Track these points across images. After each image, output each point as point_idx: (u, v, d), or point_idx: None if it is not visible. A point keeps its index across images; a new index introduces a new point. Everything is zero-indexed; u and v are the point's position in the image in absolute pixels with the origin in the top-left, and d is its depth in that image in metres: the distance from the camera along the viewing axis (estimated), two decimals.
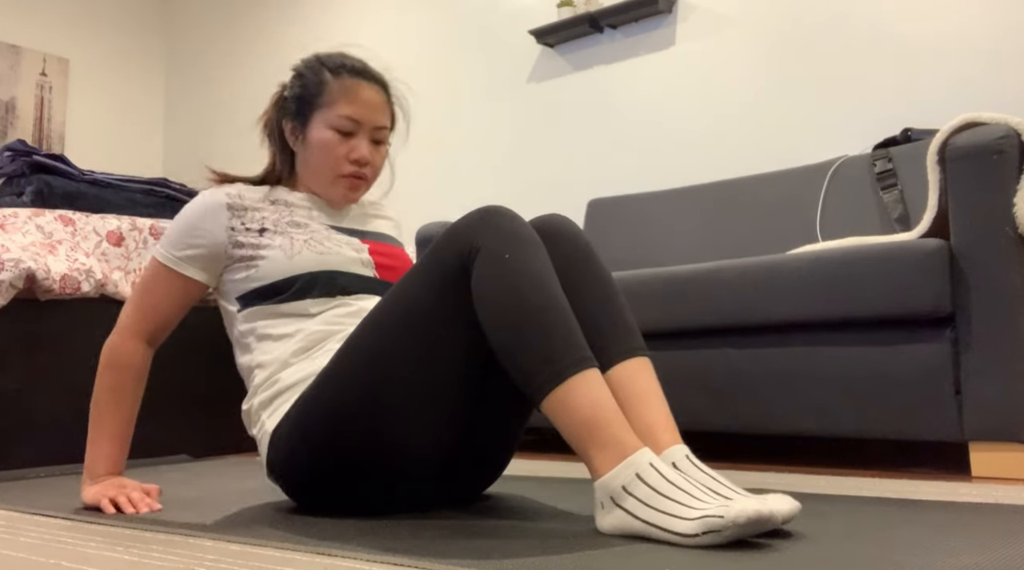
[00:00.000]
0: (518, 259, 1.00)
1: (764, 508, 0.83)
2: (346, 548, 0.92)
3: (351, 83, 1.35)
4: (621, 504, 0.90)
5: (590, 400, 0.94)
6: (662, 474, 0.90)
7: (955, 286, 1.55)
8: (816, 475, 1.56)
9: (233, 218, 1.28)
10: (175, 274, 1.29)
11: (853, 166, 2.27)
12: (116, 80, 4.57)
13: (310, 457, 1.13)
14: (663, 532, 0.87)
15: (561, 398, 0.94)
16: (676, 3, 2.86)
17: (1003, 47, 2.27)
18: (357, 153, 1.33)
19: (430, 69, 3.57)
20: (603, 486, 0.92)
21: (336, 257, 1.28)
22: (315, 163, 1.34)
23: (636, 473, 0.90)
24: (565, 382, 0.94)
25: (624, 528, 0.91)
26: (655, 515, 0.87)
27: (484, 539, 0.96)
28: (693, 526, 0.84)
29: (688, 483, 0.91)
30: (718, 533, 0.83)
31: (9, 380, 1.83)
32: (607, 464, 0.92)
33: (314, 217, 1.34)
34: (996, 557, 0.81)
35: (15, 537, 1.07)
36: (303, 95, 1.35)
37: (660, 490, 0.89)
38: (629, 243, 2.61)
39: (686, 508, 0.87)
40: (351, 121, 1.33)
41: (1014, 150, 1.53)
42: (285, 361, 1.22)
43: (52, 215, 1.95)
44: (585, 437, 0.94)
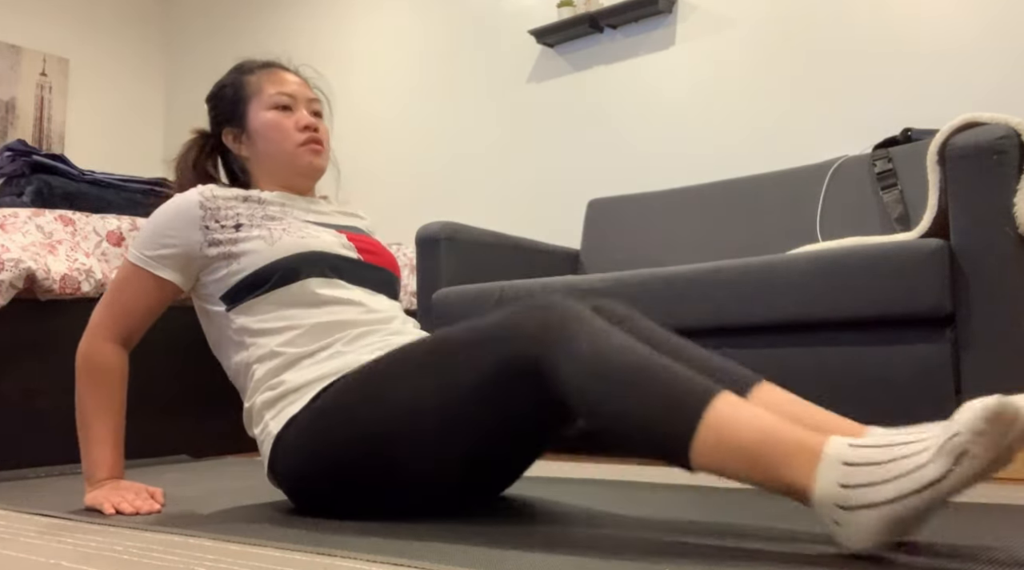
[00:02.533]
0: (597, 343, 0.92)
1: (993, 401, 0.69)
2: (346, 548, 0.92)
3: (267, 71, 1.40)
4: (853, 504, 0.74)
5: (744, 421, 0.81)
6: (870, 445, 0.75)
7: (955, 286, 1.55)
8: None
9: (207, 217, 1.27)
10: (147, 275, 1.27)
11: (853, 166, 2.27)
12: (116, 80, 4.57)
13: (315, 465, 1.12)
14: (917, 495, 0.71)
15: (710, 437, 0.81)
16: (676, 3, 2.86)
17: (1003, 47, 2.27)
18: (304, 120, 1.35)
19: (430, 69, 3.57)
20: (821, 502, 0.76)
21: (317, 241, 1.27)
22: (269, 147, 1.35)
23: (843, 462, 0.75)
24: (705, 417, 0.82)
25: (879, 525, 0.74)
26: (896, 486, 0.72)
27: (484, 539, 0.96)
28: (938, 464, 0.70)
29: (894, 437, 0.76)
30: (967, 453, 0.69)
31: (9, 380, 1.83)
32: (806, 475, 0.77)
33: (288, 211, 1.32)
34: (996, 557, 0.81)
35: (15, 537, 1.07)
36: (229, 101, 1.39)
37: (880, 459, 0.74)
38: (629, 243, 2.61)
39: (916, 456, 0.73)
40: (285, 95, 1.36)
41: (1014, 150, 1.53)
42: (290, 359, 1.20)
43: (52, 215, 1.95)
44: (761, 464, 0.79)
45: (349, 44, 3.90)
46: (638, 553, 0.86)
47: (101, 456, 1.27)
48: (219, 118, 1.41)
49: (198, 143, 1.45)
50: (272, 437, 1.17)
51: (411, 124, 3.63)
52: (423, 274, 2.25)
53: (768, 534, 0.95)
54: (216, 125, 1.42)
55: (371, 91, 3.78)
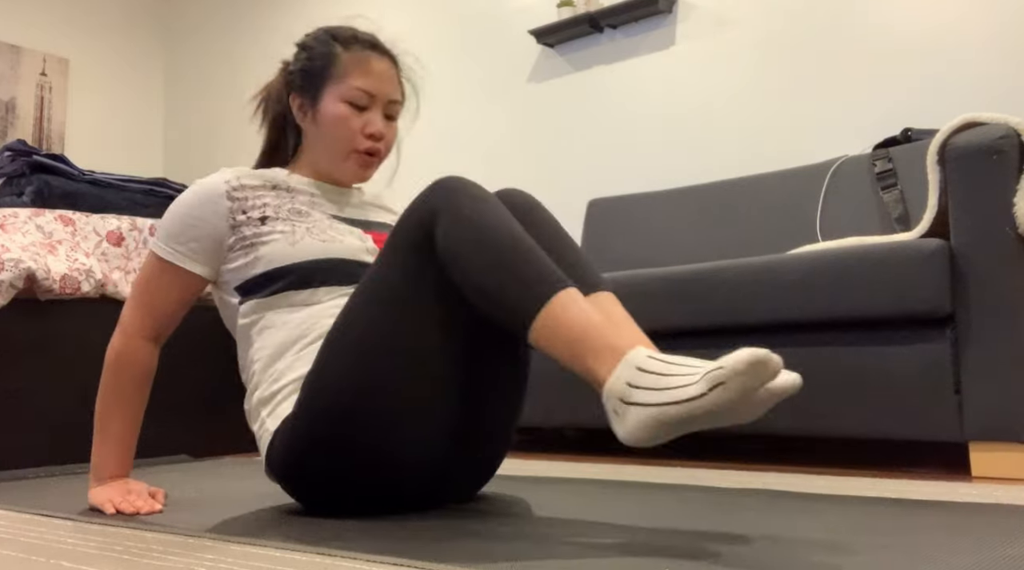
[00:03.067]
0: (477, 210, 1.01)
1: (761, 351, 0.79)
2: (346, 548, 0.92)
3: (364, 55, 1.32)
4: (631, 400, 0.85)
5: (577, 314, 0.93)
6: (662, 360, 0.87)
7: (955, 286, 1.55)
8: (816, 475, 1.56)
9: (234, 208, 1.24)
10: (176, 269, 1.25)
11: (853, 166, 2.27)
12: (116, 80, 4.57)
13: (306, 455, 1.12)
14: (677, 406, 0.81)
15: (549, 320, 0.93)
16: (676, 3, 2.86)
17: (1003, 47, 2.27)
18: (372, 127, 1.30)
19: (430, 69, 3.57)
20: (609, 391, 0.88)
21: (340, 245, 1.25)
22: (328, 139, 1.30)
23: (637, 367, 0.87)
24: (550, 302, 0.94)
25: (643, 423, 0.84)
26: (665, 394, 0.83)
27: (484, 540, 0.96)
28: (699, 386, 0.80)
29: (690, 359, 0.87)
30: (724, 384, 0.79)
31: (9, 380, 1.83)
32: (606, 369, 0.89)
33: (316, 205, 1.31)
34: (996, 557, 0.81)
35: (15, 537, 1.07)
36: (312, 68, 1.32)
37: (663, 371, 0.85)
38: (629, 243, 2.61)
39: (688, 376, 0.83)
40: (366, 94, 1.30)
41: (1014, 150, 1.53)
42: (285, 357, 1.20)
43: (52, 215, 1.95)
44: (580, 351, 0.91)
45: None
46: (637, 553, 0.86)
47: (114, 453, 1.27)
48: (295, 81, 1.34)
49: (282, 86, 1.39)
50: (269, 433, 1.18)
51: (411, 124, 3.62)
52: None
53: (768, 534, 0.95)
54: (289, 84, 1.36)
55: None
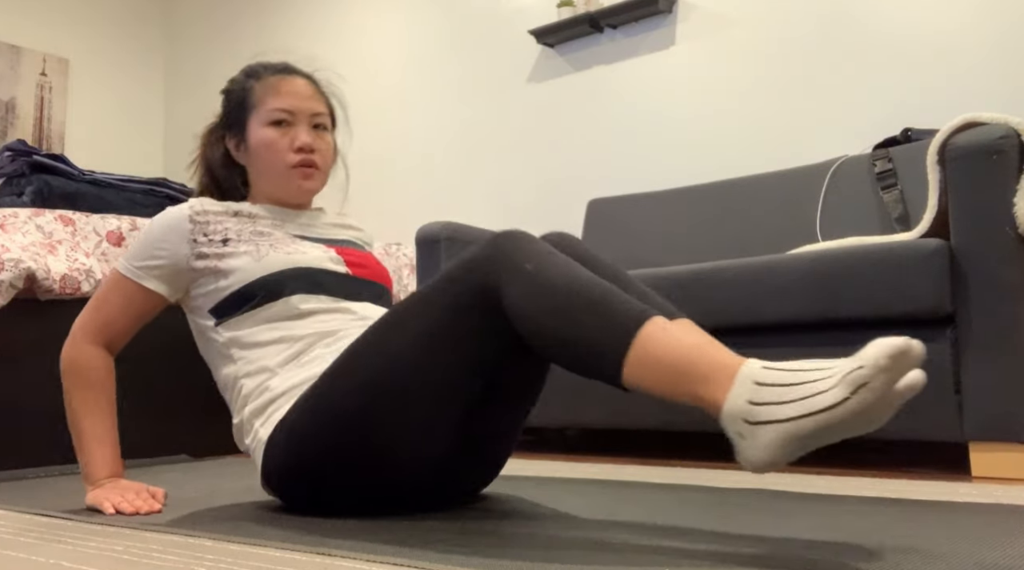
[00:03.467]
0: (540, 265, 0.98)
1: (900, 340, 0.73)
2: (346, 548, 0.92)
3: (274, 79, 1.37)
4: (758, 419, 0.79)
5: (670, 341, 0.87)
6: (781, 369, 0.81)
7: (955, 286, 1.55)
8: (816, 475, 1.56)
9: (195, 230, 1.28)
10: (133, 285, 1.29)
11: (853, 166, 2.27)
12: (116, 80, 4.57)
13: (309, 459, 1.12)
14: (814, 416, 0.75)
15: (642, 355, 0.87)
16: (676, 3, 2.86)
17: (1003, 47, 2.27)
18: (299, 140, 1.33)
19: (430, 69, 3.57)
20: (729, 415, 0.81)
21: (304, 256, 1.28)
22: (263, 164, 1.35)
23: (755, 381, 0.81)
24: (638, 336, 0.88)
25: (776, 441, 0.78)
26: (797, 407, 0.77)
27: (484, 540, 0.96)
28: (839, 391, 0.74)
29: (808, 363, 0.82)
30: (867, 385, 0.73)
31: (9, 380, 1.83)
32: (721, 391, 0.83)
33: (278, 226, 1.34)
34: (996, 557, 0.81)
35: (15, 537, 1.07)
36: (234, 107, 1.38)
37: (787, 382, 0.79)
38: (629, 243, 2.61)
39: (820, 382, 0.77)
40: (284, 111, 1.34)
41: (1014, 150, 1.53)
42: (274, 369, 1.21)
43: (52, 215, 1.95)
44: (684, 379, 0.85)
45: (349, 44, 3.90)
46: (638, 553, 0.86)
47: (98, 455, 1.27)
48: (224, 121, 1.41)
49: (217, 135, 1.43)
50: (263, 442, 1.18)
51: (411, 124, 3.63)
52: (423, 274, 2.25)
53: (768, 534, 0.95)
54: (222, 130, 1.42)
55: (371, 91, 3.78)
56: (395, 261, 2.69)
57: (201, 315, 1.30)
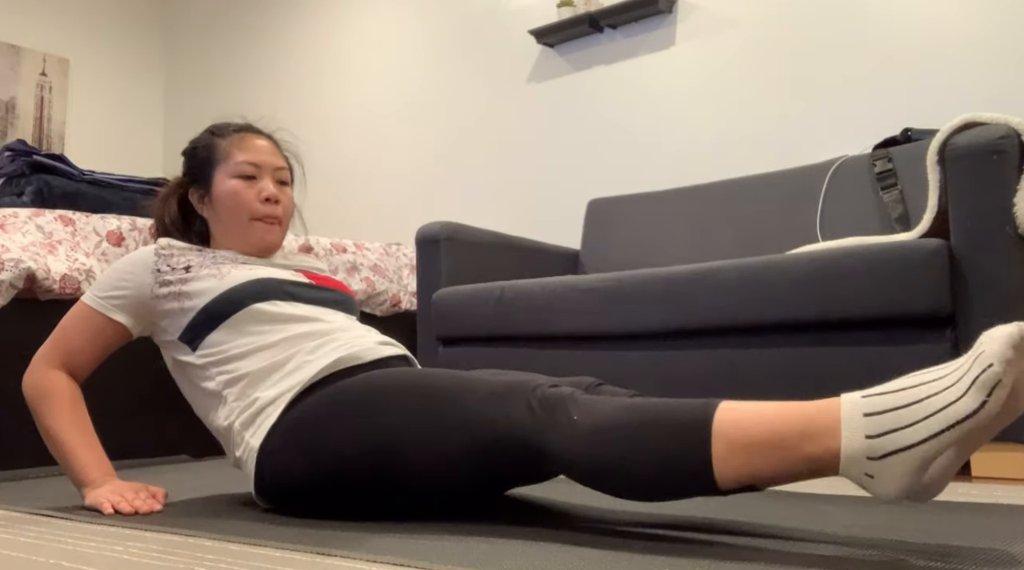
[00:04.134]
0: (584, 413, 0.92)
1: (1012, 327, 0.70)
2: (346, 548, 0.92)
3: (239, 137, 1.42)
4: (882, 453, 0.73)
5: (750, 416, 0.80)
6: (883, 392, 0.75)
7: (955, 286, 1.55)
8: None
9: (159, 261, 1.32)
10: (97, 315, 1.31)
11: (853, 166, 2.27)
12: (116, 80, 4.57)
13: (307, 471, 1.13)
14: (954, 429, 0.71)
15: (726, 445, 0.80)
16: (676, 3, 2.86)
17: (1003, 47, 2.27)
18: (266, 191, 1.38)
19: (430, 69, 3.57)
20: (849, 459, 0.75)
21: (265, 272, 1.32)
22: (227, 214, 1.38)
23: (863, 413, 0.74)
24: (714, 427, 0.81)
25: (911, 466, 0.73)
26: (929, 424, 0.71)
27: (484, 540, 0.96)
28: (972, 398, 0.70)
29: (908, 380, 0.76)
30: (1000, 383, 0.69)
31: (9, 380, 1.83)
32: (832, 440, 0.76)
33: (240, 261, 1.36)
34: (996, 557, 0.81)
35: (15, 537, 1.07)
36: (200, 161, 1.42)
37: (901, 404, 0.74)
38: (629, 243, 2.61)
39: (942, 393, 0.72)
40: (251, 165, 1.38)
41: (1014, 150, 1.53)
42: (257, 377, 1.22)
43: (52, 215, 1.95)
44: (786, 447, 0.78)
45: (348, 44, 3.90)
46: (638, 552, 0.86)
47: (87, 459, 1.28)
48: (188, 176, 1.45)
49: (176, 192, 1.47)
50: (255, 451, 1.18)
51: (411, 124, 3.63)
52: (423, 274, 2.25)
53: (768, 534, 0.95)
54: (185, 186, 1.46)
55: (371, 91, 3.78)
56: (395, 261, 2.69)
57: (174, 346, 1.32)
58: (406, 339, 2.54)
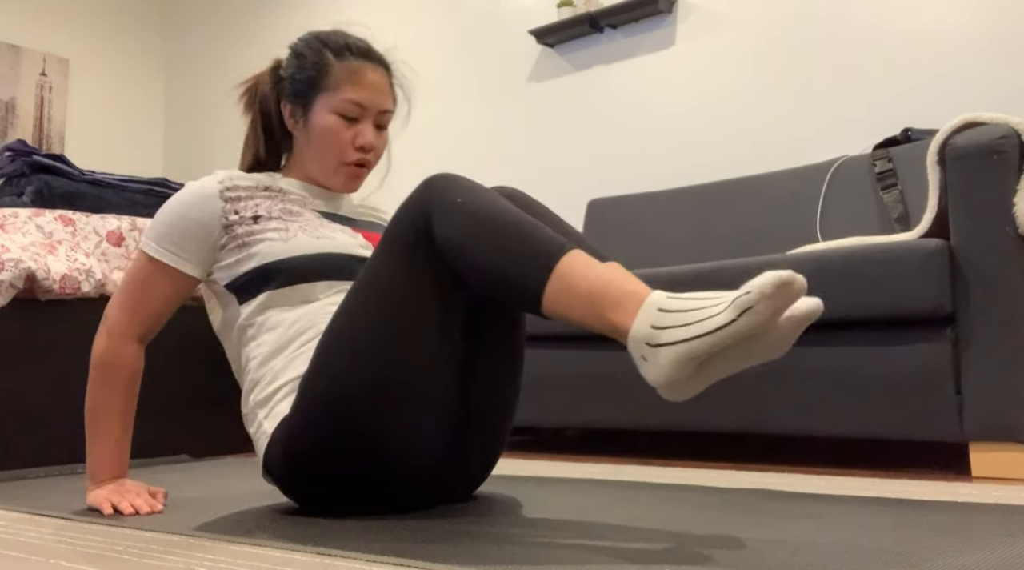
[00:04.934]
0: (469, 198, 1.02)
1: (785, 272, 0.78)
2: (346, 548, 0.92)
3: (356, 65, 1.33)
4: (658, 342, 0.85)
5: (589, 271, 0.92)
6: (683, 297, 0.87)
7: (955, 286, 1.55)
8: (816, 475, 1.56)
9: (227, 208, 1.24)
10: (167, 269, 1.24)
11: (853, 166, 2.27)
12: (116, 80, 4.57)
13: (304, 454, 1.12)
14: (706, 337, 0.81)
15: (561, 283, 0.92)
16: (676, 3, 2.86)
17: (1003, 48, 2.27)
18: (363, 139, 1.31)
19: (430, 69, 3.57)
20: (634, 338, 0.87)
21: (332, 241, 1.26)
22: (318, 150, 1.31)
23: (659, 308, 0.86)
24: (559, 264, 0.93)
25: (673, 361, 0.83)
26: (692, 329, 0.83)
27: (484, 540, 0.96)
28: (727, 314, 0.80)
29: (711, 292, 0.87)
30: (752, 308, 0.79)
31: (10, 380, 1.83)
32: (628, 318, 0.88)
33: (307, 203, 1.32)
34: (996, 557, 0.81)
35: (15, 537, 1.07)
36: (304, 78, 1.32)
37: (687, 308, 0.85)
38: (629, 243, 2.61)
39: (714, 307, 0.83)
40: (357, 106, 1.30)
41: (1014, 150, 1.53)
42: (279, 352, 1.20)
43: (52, 215, 1.95)
44: (597, 306, 0.90)
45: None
46: (637, 553, 0.86)
47: (109, 455, 1.26)
48: (286, 89, 1.34)
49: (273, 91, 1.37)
50: (267, 435, 1.17)
51: (411, 124, 3.62)
52: None
53: (768, 534, 0.95)
54: (279, 91, 1.36)
55: None
56: None
57: (220, 290, 1.27)
58: None
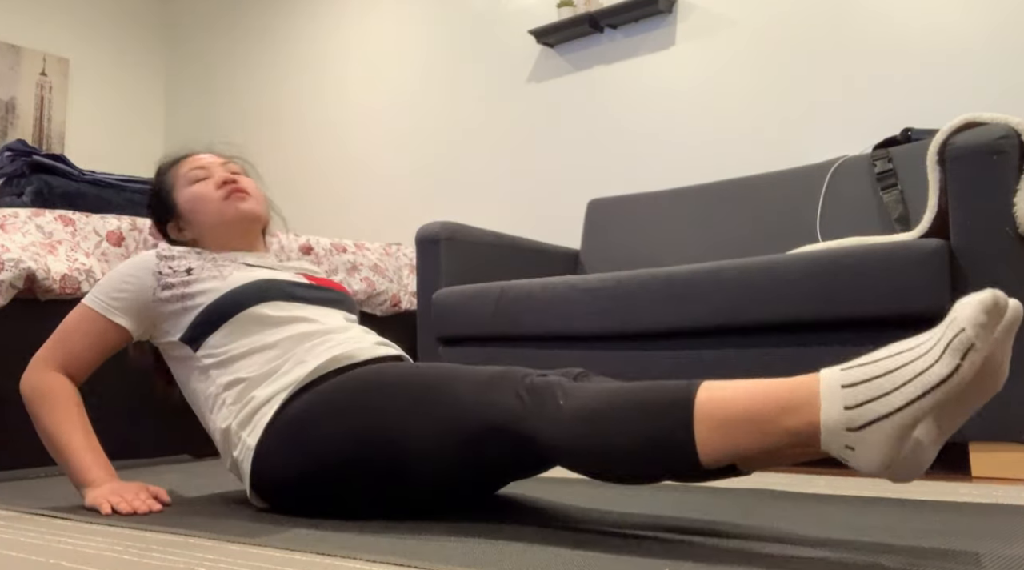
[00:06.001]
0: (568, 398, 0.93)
1: (987, 294, 0.70)
2: (346, 548, 0.92)
3: (180, 161, 1.49)
4: (862, 423, 0.73)
5: (730, 393, 0.81)
6: (861, 364, 0.75)
7: (955, 286, 1.55)
8: (816, 475, 1.56)
9: (161, 264, 1.34)
10: (99, 317, 1.32)
11: (853, 166, 2.27)
12: (116, 80, 4.57)
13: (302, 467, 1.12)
14: (930, 395, 0.70)
15: (708, 424, 0.80)
16: (676, 3, 2.86)
17: (1004, 47, 2.27)
18: (219, 178, 1.43)
19: (430, 69, 3.57)
20: (828, 431, 0.75)
21: (266, 273, 1.34)
22: (199, 215, 1.42)
23: (841, 385, 0.75)
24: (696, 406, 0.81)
25: (892, 436, 0.72)
26: (905, 391, 0.71)
27: (484, 540, 0.96)
28: (946, 363, 0.70)
29: (889, 351, 0.75)
30: (973, 347, 0.69)
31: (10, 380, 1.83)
32: (810, 413, 0.76)
33: (237, 260, 1.39)
34: (996, 557, 0.81)
35: (15, 537, 1.07)
36: (161, 202, 1.48)
37: (878, 374, 0.73)
38: (629, 243, 2.61)
39: (917, 360, 0.72)
40: (200, 169, 1.45)
41: (1014, 150, 1.53)
42: (255, 380, 1.22)
43: (52, 215, 1.95)
44: (766, 422, 0.78)
45: (349, 44, 3.90)
46: (638, 553, 0.86)
47: (87, 460, 1.27)
48: (160, 218, 1.49)
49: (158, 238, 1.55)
50: (251, 450, 1.18)
51: (411, 124, 3.63)
52: (423, 274, 2.25)
53: (768, 534, 0.95)
54: (161, 227, 1.50)
55: (371, 91, 3.78)
56: (395, 261, 2.69)
57: (176, 347, 1.32)
58: (406, 339, 2.54)
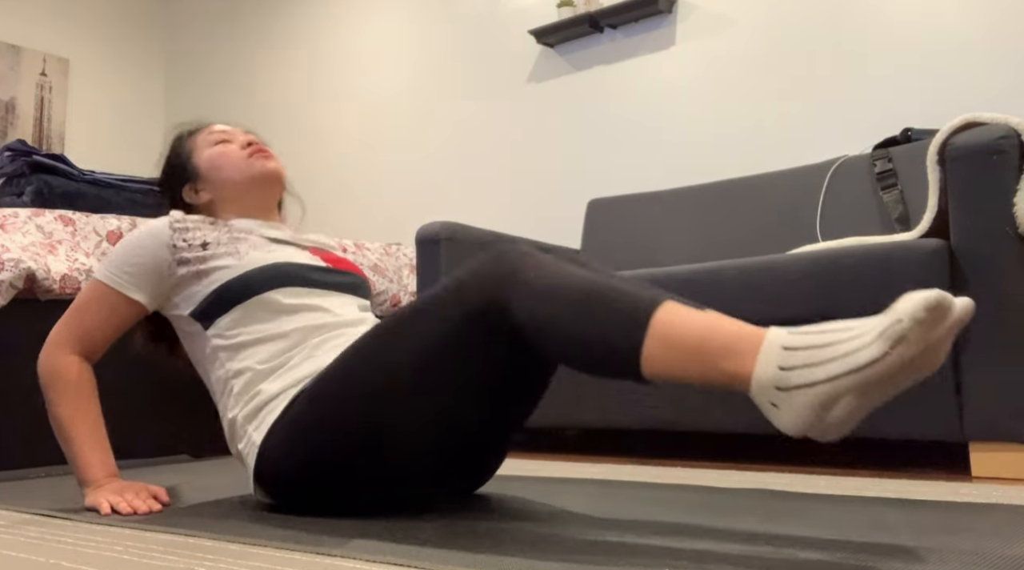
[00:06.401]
0: (544, 274, 0.96)
1: (933, 294, 0.71)
2: (346, 548, 0.92)
3: (200, 129, 1.49)
4: (790, 385, 0.76)
5: (687, 321, 0.83)
6: (807, 332, 0.77)
7: (955, 286, 1.55)
8: (816, 475, 1.56)
9: (175, 236, 1.30)
10: (112, 292, 1.29)
11: (853, 166, 2.27)
12: (116, 80, 4.57)
13: (306, 457, 1.12)
14: (853, 375, 0.73)
15: (658, 340, 0.83)
16: (676, 3, 2.86)
17: (1003, 47, 2.27)
18: (243, 140, 1.44)
19: (431, 69, 3.57)
20: (759, 384, 0.78)
21: (282, 254, 1.31)
22: (221, 174, 1.41)
23: (783, 347, 0.77)
24: (652, 321, 0.84)
25: (814, 404, 0.75)
26: (833, 366, 0.74)
27: (484, 540, 0.96)
28: (878, 346, 0.72)
29: (835, 324, 0.78)
30: (905, 339, 0.71)
31: (10, 380, 1.83)
32: (747, 362, 0.79)
33: (253, 232, 1.36)
34: (996, 557, 0.81)
35: (15, 537, 1.07)
36: (177, 165, 1.46)
37: (818, 343, 0.76)
38: (629, 243, 2.61)
39: (855, 340, 0.74)
40: (221, 133, 1.45)
41: (1014, 150, 1.53)
42: (263, 371, 1.22)
43: (52, 215, 1.95)
44: (708, 357, 0.81)
45: (349, 44, 3.90)
46: (637, 553, 0.86)
47: (93, 458, 1.27)
48: (174, 184, 1.46)
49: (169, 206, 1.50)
50: (256, 447, 1.17)
51: (411, 124, 3.63)
52: (423, 274, 2.25)
53: (768, 534, 0.95)
54: (174, 192, 1.46)
55: (371, 91, 3.78)
56: (395, 261, 2.69)
57: (187, 322, 1.31)
58: None
